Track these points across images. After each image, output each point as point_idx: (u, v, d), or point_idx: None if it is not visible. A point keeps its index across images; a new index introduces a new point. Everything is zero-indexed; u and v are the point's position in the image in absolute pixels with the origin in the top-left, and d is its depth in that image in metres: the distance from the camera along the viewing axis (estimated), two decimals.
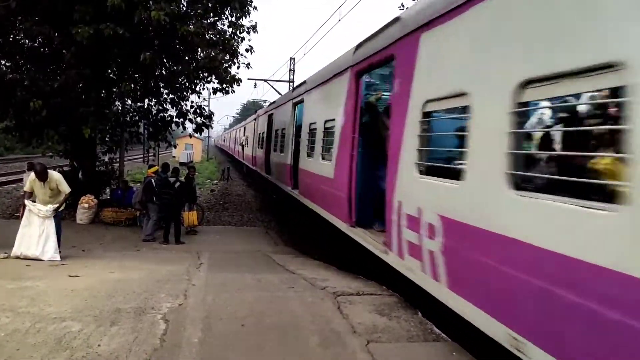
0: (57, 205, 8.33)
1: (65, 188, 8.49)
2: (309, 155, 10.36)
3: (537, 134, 3.76)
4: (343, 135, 7.74)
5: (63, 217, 9.48)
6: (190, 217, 12.33)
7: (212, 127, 17.36)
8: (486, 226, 3.71)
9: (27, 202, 8.29)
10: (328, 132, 8.92)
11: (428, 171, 4.93)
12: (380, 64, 6.69)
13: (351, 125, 7.34)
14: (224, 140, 68.01)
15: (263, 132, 19.35)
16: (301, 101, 11.67)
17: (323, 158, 9.13)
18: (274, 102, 18.99)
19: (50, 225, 8.22)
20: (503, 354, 3.49)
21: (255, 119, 24.22)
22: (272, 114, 17.51)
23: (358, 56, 7.45)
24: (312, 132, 10.24)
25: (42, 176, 8.26)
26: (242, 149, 30.55)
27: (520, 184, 3.41)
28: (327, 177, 8.54)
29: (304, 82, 11.94)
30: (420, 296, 5.06)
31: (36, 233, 8.13)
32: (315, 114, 10.21)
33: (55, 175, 8.48)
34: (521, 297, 3.29)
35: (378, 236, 6.55)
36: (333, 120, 8.44)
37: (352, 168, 7.24)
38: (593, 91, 3.03)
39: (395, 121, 5.78)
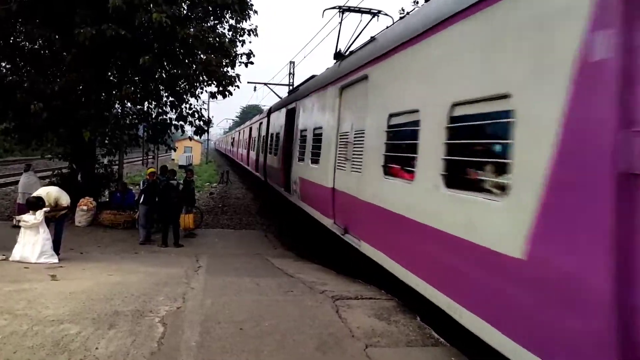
0: (40, 216, 8.19)
1: (64, 203, 8.57)
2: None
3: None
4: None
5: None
6: (186, 219, 12.24)
7: (210, 128, 17.36)
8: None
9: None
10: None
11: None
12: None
13: None
14: (227, 143, 59.79)
15: (278, 133, 15.55)
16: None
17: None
18: (300, 86, 13.91)
19: (43, 232, 8.18)
20: (502, 358, 3.49)
21: (266, 116, 19.51)
22: (295, 107, 12.82)
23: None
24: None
25: (39, 207, 8.22)
26: (249, 153, 26.13)
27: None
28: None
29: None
30: (419, 300, 5.06)
31: (31, 240, 8.13)
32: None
33: (53, 193, 8.52)
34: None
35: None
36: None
37: None
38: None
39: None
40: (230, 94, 14.14)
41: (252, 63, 14.44)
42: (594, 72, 2.86)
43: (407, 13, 6.63)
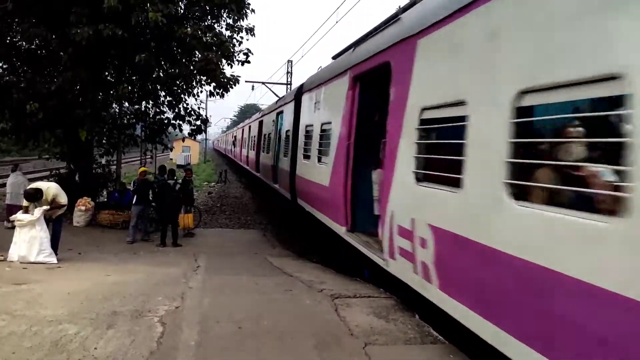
0: (39, 213, 8.15)
1: (62, 200, 8.45)
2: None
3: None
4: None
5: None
6: (186, 219, 12.27)
7: (207, 128, 17.30)
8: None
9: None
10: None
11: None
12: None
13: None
14: (227, 143, 51.45)
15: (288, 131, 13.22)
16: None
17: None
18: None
19: (41, 230, 8.15)
20: (499, 356, 3.49)
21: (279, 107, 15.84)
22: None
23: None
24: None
25: (35, 199, 8.21)
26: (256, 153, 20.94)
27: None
28: None
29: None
30: (417, 299, 5.06)
31: (26, 238, 8.10)
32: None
33: (52, 189, 8.42)
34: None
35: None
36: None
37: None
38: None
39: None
40: (228, 91, 14.11)
41: (249, 62, 14.41)
42: None
43: (404, 9, 6.38)
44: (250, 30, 14.46)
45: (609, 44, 2.73)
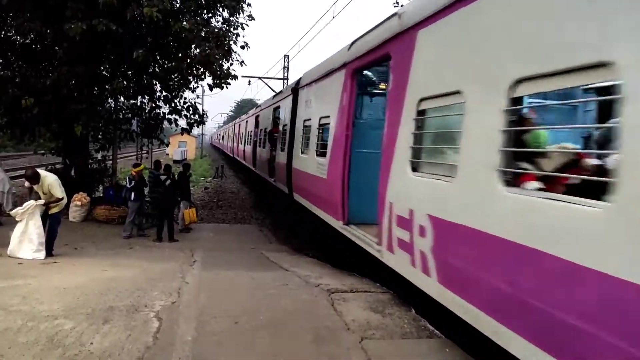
0: (24, 206, 8.14)
1: (56, 193, 8.30)
2: None
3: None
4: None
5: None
6: (190, 214, 12.42)
7: (204, 124, 17.23)
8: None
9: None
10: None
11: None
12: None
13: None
14: (227, 138, 46.83)
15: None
16: None
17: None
18: None
19: (33, 225, 8.11)
20: (495, 350, 3.51)
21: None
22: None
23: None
24: None
25: (32, 180, 8.20)
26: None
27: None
28: None
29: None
30: (414, 293, 5.08)
31: (17, 233, 8.09)
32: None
33: (48, 179, 8.31)
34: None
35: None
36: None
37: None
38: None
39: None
40: (228, 84, 14.08)
41: (243, 64, 14.49)
42: None
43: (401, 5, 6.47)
44: (249, 17, 14.53)
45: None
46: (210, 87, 14.34)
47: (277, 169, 13.97)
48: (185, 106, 15.11)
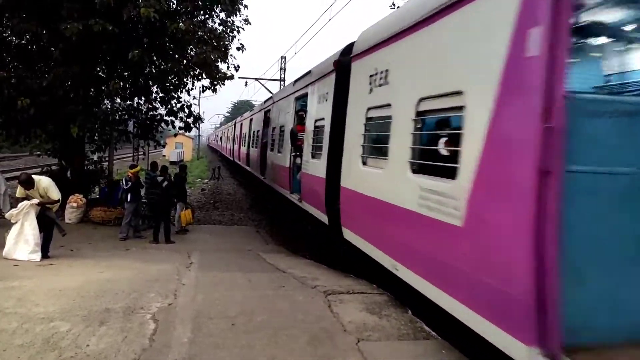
0: (20, 207, 8.09)
1: (53, 195, 8.30)
2: None
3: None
4: None
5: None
6: (187, 215, 12.40)
7: (200, 124, 17.19)
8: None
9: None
10: None
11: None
12: None
13: None
14: (226, 140, 41.36)
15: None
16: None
17: None
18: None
19: (29, 226, 8.07)
20: (492, 351, 3.52)
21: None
22: None
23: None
24: None
25: (27, 185, 8.15)
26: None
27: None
28: None
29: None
30: (410, 294, 5.08)
31: (13, 234, 8.05)
32: None
33: (43, 182, 8.30)
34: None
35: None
36: None
37: None
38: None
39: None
40: (223, 84, 14.07)
41: (238, 69, 14.52)
42: None
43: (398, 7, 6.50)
44: (245, 21, 14.53)
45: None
46: (205, 89, 14.35)
47: (306, 184, 10.02)
48: (179, 106, 15.09)
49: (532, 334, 3.17)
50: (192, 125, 15.61)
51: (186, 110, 15.16)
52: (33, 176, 8.42)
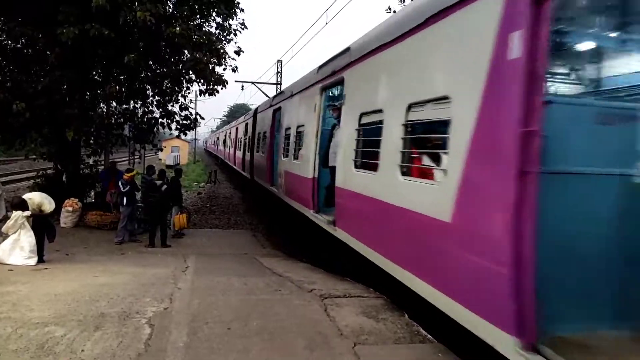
0: (13, 219, 8.15)
1: (46, 209, 8.50)
2: None
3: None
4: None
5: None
6: (181, 220, 12.30)
7: (196, 127, 17.14)
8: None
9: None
10: None
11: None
12: None
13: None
14: (226, 144, 36.42)
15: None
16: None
17: None
18: None
19: (25, 234, 8.09)
20: (490, 354, 3.52)
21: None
22: None
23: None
24: None
25: (22, 208, 8.23)
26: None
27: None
28: None
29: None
30: (407, 298, 5.09)
31: (9, 242, 8.07)
32: None
33: (35, 200, 8.43)
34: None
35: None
36: None
37: None
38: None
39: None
40: (218, 91, 14.05)
41: (236, 70, 14.48)
42: None
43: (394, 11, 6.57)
44: (241, 25, 14.56)
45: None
46: (202, 93, 14.33)
47: (346, 204, 7.24)
48: (178, 106, 15.08)
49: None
50: (190, 126, 15.58)
51: (182, 113, 15.13)
52: (24, 197, 8.55)
